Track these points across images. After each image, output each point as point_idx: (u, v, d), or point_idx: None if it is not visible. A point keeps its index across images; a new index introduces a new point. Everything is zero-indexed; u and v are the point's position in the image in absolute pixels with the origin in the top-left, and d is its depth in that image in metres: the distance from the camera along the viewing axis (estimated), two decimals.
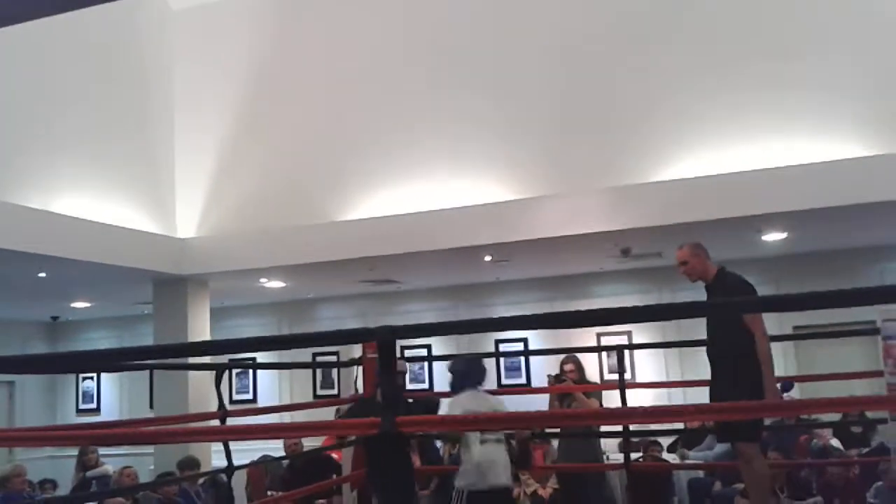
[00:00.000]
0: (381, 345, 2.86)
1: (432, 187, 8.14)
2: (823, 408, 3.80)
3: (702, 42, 7.58)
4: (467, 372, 5.25)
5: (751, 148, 7.19)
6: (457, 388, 5.17)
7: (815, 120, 7.10)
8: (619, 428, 6.20)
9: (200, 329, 9.04)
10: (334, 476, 6.86)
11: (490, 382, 10.02)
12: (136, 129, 8.74)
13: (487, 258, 8.71)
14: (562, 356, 6.70)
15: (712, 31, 7.59)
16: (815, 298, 2.87)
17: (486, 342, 10.17)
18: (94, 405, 12.58)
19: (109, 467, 8.54)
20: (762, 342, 4.59)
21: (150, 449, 9.17)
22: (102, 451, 9.08)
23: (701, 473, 7.82)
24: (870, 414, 7.30)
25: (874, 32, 7.13)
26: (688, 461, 8.10)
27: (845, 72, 7.10)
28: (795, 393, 8.51)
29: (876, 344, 8.20)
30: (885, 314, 5.30)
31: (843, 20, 7.25)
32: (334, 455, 7.12)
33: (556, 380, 6.43)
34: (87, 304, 11.08)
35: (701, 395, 8.11)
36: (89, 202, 7.93)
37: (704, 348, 10.21)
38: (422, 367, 10.92)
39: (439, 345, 10.55)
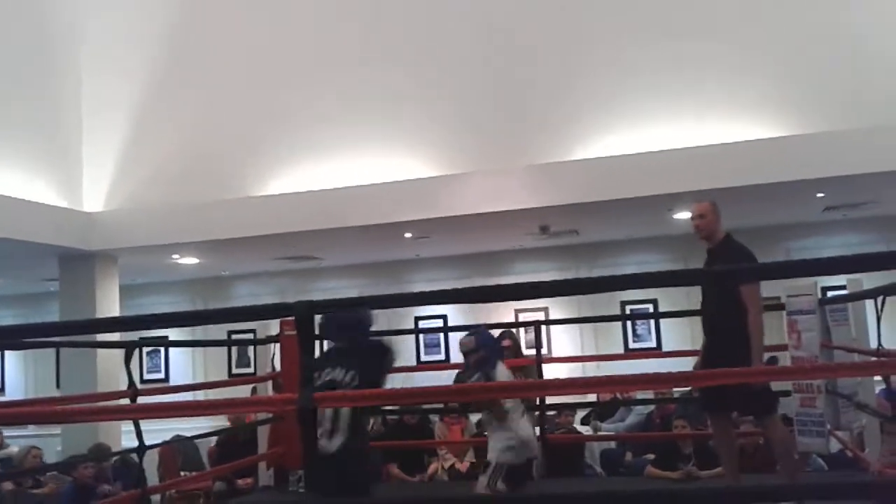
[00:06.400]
0: (300, 320, 2.83)
1: (352, 162, 8.04)
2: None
3: (625, 21, 7.68)
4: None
5: (666, 127, 7.35)
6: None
7: (726, 100, 7.31)
8: (536, 401, 6.32)
9: (109, 307, 8.73)
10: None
11: (409, 359, 10.16)
12: (41, 97, 8.31)
13: (408, 235, 8.69)
14: None
15: (637, 11, 7.69)
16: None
17: (405, 319, 10.17)
18: None
19: (14, 448, 8.24)
20: (754, 315, 4.59)
21: (56, 430, 8.86)
22: (7, 432, 8.76)
23: (613, 444, 8.04)
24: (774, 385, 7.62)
25: (780, 14, 7.36)
26: (601, 433, 8.32)
27: (754, 53, 7.32)
28: None
29: (779, 319, 8.59)
30: (790, 290, 5.53)
31: (753, 2, 7.48)
32: None
33: None
34: None
35: (614, 369, 8.40)
36: None
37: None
38: None
39: None
